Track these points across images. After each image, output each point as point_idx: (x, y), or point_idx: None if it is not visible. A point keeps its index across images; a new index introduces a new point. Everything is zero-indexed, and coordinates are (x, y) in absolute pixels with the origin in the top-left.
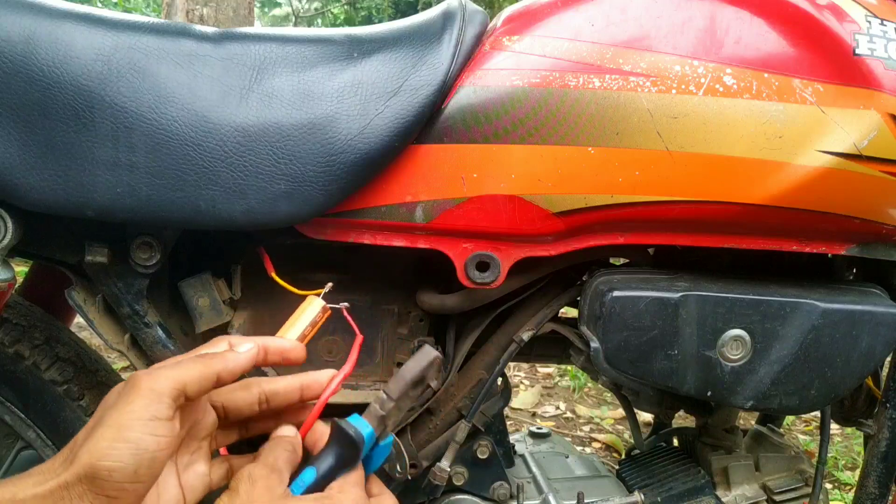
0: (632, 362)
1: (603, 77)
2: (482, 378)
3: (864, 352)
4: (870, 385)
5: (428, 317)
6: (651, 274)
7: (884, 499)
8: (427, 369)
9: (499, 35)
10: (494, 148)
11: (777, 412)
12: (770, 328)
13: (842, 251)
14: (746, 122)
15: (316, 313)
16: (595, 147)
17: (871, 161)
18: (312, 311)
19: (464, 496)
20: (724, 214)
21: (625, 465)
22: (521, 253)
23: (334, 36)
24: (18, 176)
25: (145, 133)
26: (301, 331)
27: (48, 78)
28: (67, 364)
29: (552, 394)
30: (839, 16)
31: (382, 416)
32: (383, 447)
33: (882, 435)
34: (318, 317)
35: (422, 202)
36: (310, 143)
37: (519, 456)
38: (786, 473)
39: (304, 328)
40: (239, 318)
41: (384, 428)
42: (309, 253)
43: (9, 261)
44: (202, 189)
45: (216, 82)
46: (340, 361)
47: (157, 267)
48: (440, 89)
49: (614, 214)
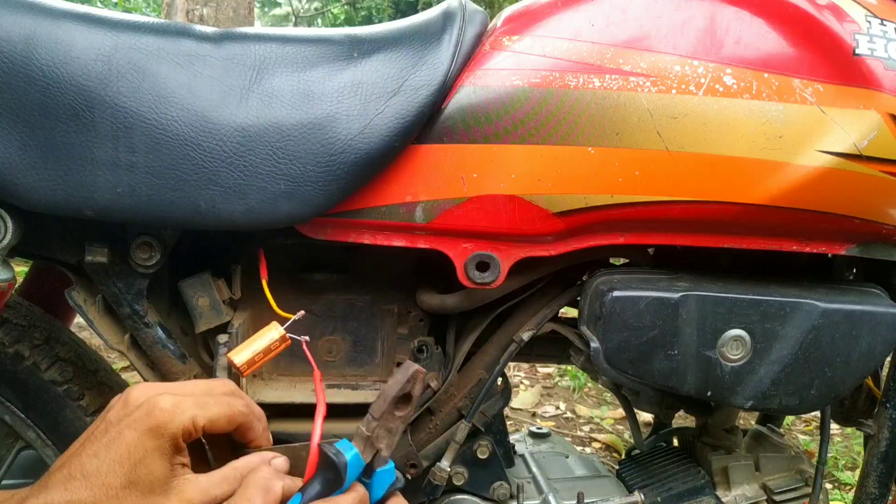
0: (632, 362)
1: (603, 77)
2: (482, 378)
3: (864, 352)
4: (870, 385)
5: (428, 317)
6: (651, 274)
7: (884, 499)
8: (409, 385)
9: (499, 35)
10: (494, 148)
11: (777, 412)
12: (770, 328)
13: (842, 251)
14: (746, 122)
15: (272, 341)
16: (595, 147)
17: (871, 161)
18: (268, 338)
19: (464, 496)
20: (724, 214)
21: (625, 465)
22: (521, 253)
23: (334, 36)
24: (18, 176)
25: (145, 133)
26: (251, 355)
27: (48, 78)
28: (67, 364)
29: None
30: (839, 16)
31: (367, 437)
32: (383, 473)
33: (882, 435)
34: (275, 344)
35: (422, 202)
36: (310, 143)
37: (519, 456)
38: (786, 473)
39: (254, 353)
40: (239, 318)
41: (375, 451)
42: (309, 253)
43: (9, 261)
44: (202, 189)
45: (216, 82)
46: (341, 361)
47: (157, 267)
48: (440, 89)
49: (614, 214)
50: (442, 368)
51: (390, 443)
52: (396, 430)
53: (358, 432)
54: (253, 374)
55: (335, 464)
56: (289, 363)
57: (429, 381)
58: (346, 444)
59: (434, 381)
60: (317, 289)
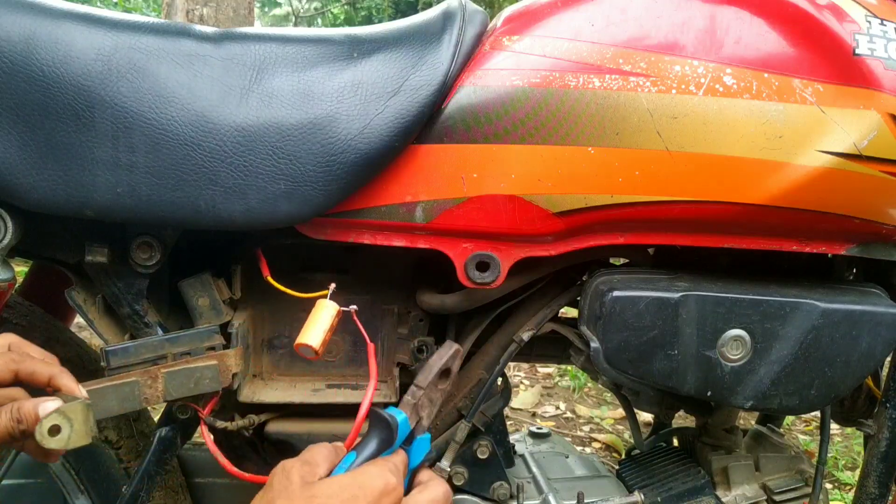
0: (632, 362)
1: (603, 77)
2: (482, 378)
3: (864, 352)
4: (870, 385)
5: (428, 317)
6: (651, 274)
7: (884, 499)
8: (451, 360)
9: (499, 35)
10: (494, 148)
11: (777, 412)
12: (770, 328)
13: (842, 251)
14: (746, 122)
15: (332, 317)
16: (595, 147)
17: (870, 161)
18: (328, 315)
19: (464, 496)
20: (724, 214)
21: (625, 465)
22: (521, 253)
23: (334, 36)
24: (19, 176)
25: (145, 133)
26: (323, 335)
27: (48, 78)
28: (67, 364)
29: (552, 394)
30: (839, 16)
31: (414, 404)
32: (421, 441)
33: (882, 435)
34: (334, 320)
35: (422, 202)
36: (310, 143)
37: (519, 456)
38: (786, 473)
39: (324, 331)
40: (239, 317)
41: (418, 418)
42: (309, 253)
43: (9, 261)
44: (202, 189)
45: (216, 82)
46: (341, 361)
47: (157, 267)
48: (440, 89)
49: (614, 214)
50: None
51: (430, 413)
52: (436, 402)
53: (405, 400)
54: (252, 374)
55: (388, 424)
56: (289, 363)
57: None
58: (397, 410)
59: None
60: (317, 289)
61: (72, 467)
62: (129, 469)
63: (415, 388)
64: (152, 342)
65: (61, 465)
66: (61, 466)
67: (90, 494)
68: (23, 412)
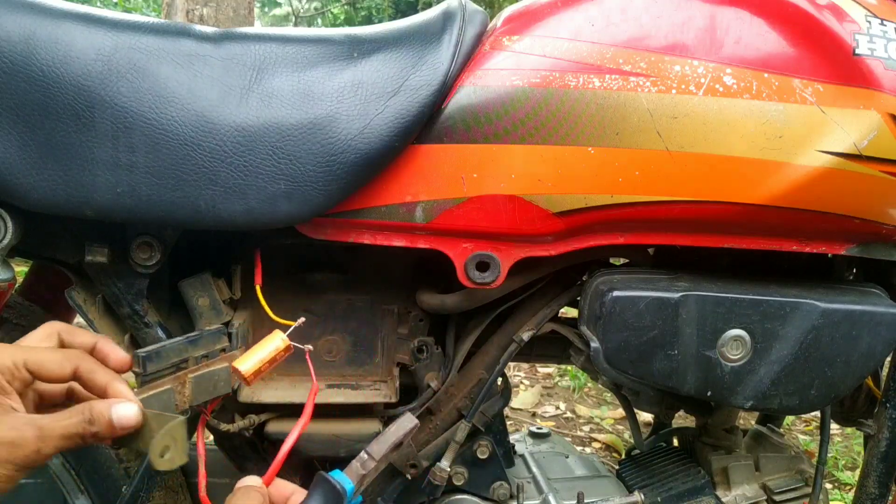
0: (632, 362)
1: (603, 77)
2: (482, 378)
3: (864, 352)
4: (870, 385)
5: (428, 317)
6: (651, 274)
7: (884, 499)
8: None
9: (499, 35)
10: (494, 148)
11: (777, 412)
12: (770, 328)
13: (842, 251)
14: (746, 122)
15: (277, 350)
16: (595, 147)
17: (870, 161)
18: (273, 347)
19: (464, 496)
20: (724, 214)
21: (625, 465)
22: (521, 253)
23: (334, 36)
24: (19, 176)
25: (145, 133)
26: (257, 365)
27: (48, 78)
28: None
29: (552, 394)
30: (839, 16)
31: (363, 475)
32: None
33: (882, 435)
34: (280, 353)
35: (422, 202)
36: (310, 143)
37: (519, 456)
38: (786, 473)
39: (261, 362)
40: (239, 317)
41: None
42: (309, 253)
43: (9, 261)
44: (202, 189)
45: (216, 82)
46: (341, 361)
47: (157, 267)
48: (440, 89)
49: (614, 214)
50: (442, 368)
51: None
52: (379, 469)
53: (354, 468)
54: None
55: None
56: (289, 363)
57: (429, 381)
58: (344, 478)
59: (434, 381)
60: (317, 289)
61: (72, 467)
62: (129, 469)
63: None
64: (177, 345)
65: (61, 465)
66: (61, 466)
67: (90, 494)
68: (94, 413)
